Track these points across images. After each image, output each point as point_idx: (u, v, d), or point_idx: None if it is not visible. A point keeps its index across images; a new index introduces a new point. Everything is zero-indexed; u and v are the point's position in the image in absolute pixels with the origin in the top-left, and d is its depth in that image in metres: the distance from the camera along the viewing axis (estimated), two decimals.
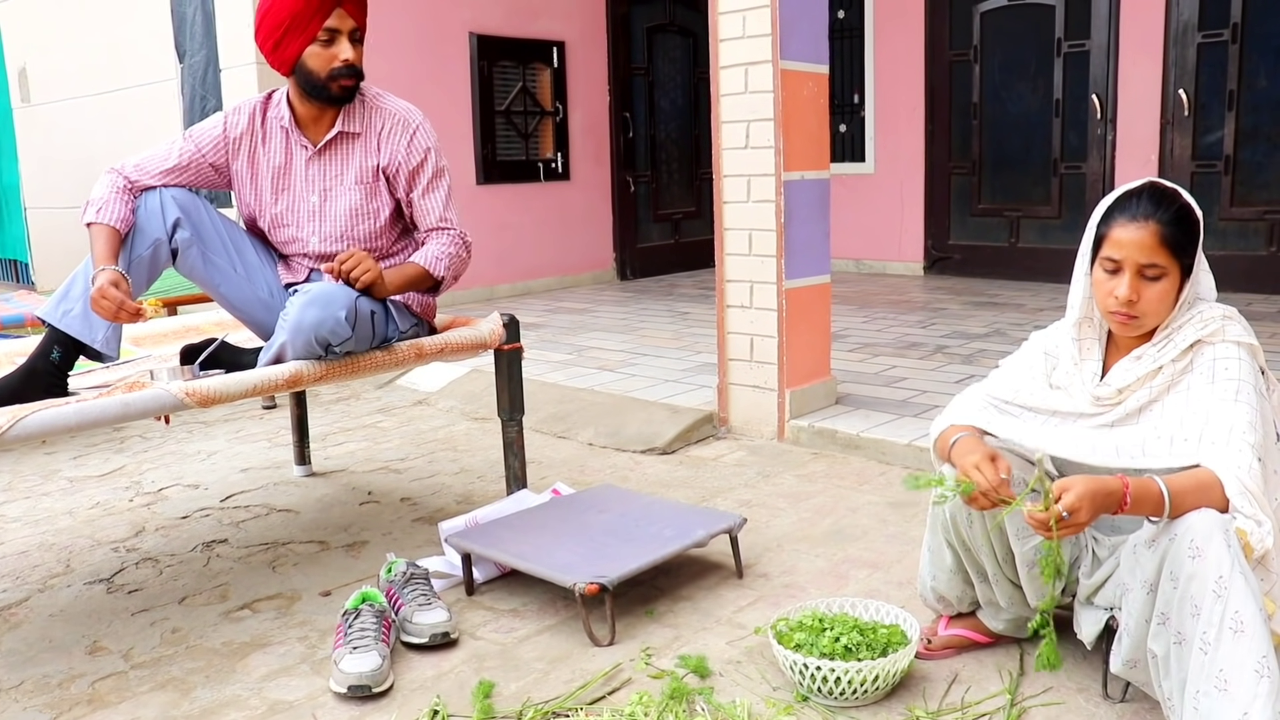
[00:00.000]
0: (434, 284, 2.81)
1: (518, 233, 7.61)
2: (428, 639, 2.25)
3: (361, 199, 2.78)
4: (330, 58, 2.64)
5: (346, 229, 2.79)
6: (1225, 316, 1.87)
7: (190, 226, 2.69)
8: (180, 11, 6.76)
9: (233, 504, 3.39)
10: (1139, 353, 1.91)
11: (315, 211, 2.79)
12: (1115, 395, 1.92)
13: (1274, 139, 6.28)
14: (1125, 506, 1.71)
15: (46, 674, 2.24)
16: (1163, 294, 1.85)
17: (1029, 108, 7.24)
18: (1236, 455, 1.73)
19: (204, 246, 2.72)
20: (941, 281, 7.52)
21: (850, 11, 7.99)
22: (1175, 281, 1.85)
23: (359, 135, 2.77)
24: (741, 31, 3.69)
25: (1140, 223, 1.84)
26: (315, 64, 2.65)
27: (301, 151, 2.78)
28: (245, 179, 2.82)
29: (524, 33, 7.53)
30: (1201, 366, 1.85)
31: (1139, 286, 1.85)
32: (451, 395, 4.70)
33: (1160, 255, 1.83)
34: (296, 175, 2.79)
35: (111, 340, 2.54)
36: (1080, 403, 1.97)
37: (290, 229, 2.81)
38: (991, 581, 2.08)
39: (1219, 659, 1.60)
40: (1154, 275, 1.84)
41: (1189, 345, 1.86)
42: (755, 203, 3.76)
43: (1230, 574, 1.62)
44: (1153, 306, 1.86)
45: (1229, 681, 1.58)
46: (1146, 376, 1.89)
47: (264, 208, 2.82)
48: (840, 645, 2.01)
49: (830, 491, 3.29)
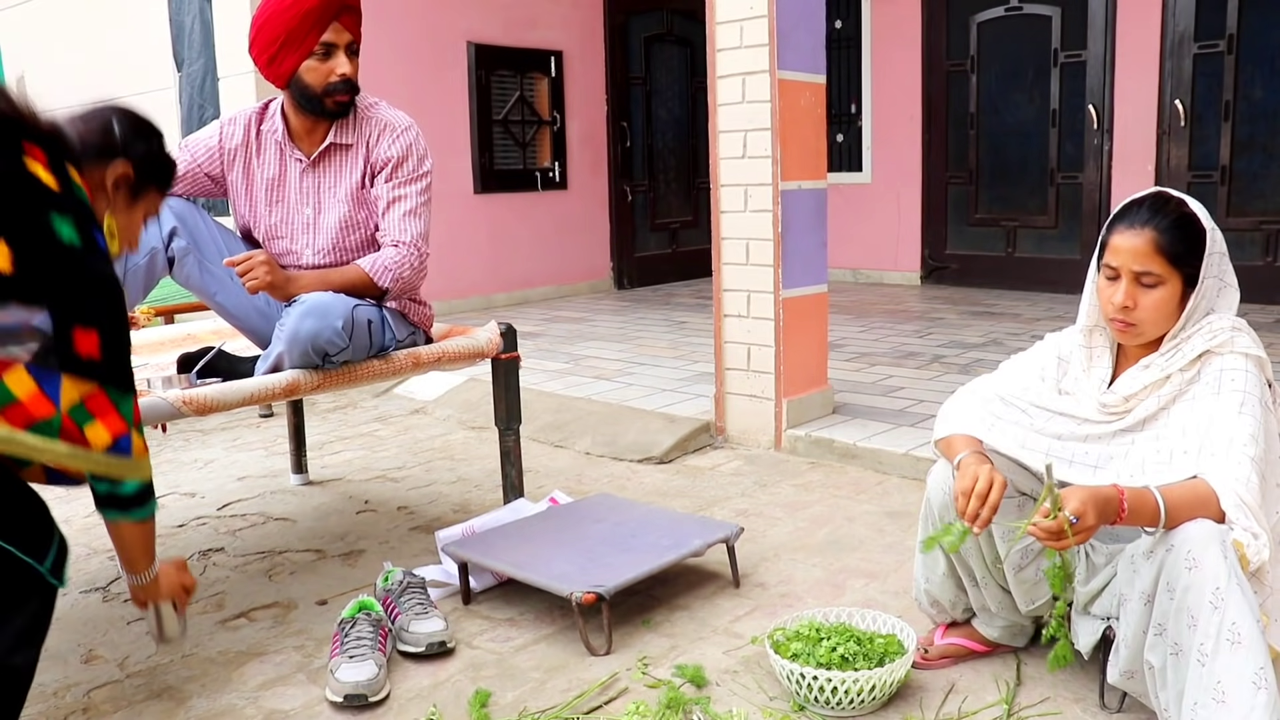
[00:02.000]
0: (379, 292, 2.71)
1: (515, 242, 7.61)
2: (424, 648, 2.25)
3: (350, 210, 2.75)
4: (327, 72, 2.63)
5: (337, 240, 2.77)
6: (1234, 328, 1.88)
7: (186, 235, 2.69)
8: (178, 20, 6.77)
9: (229, 512, 3.38)
10: (1147, 361, 1.91)
11: (309, 224, 2.78)
12: (1122, 404, 1.92)
13: (1270, 149, 6.30)
14: (1122, 516, 1.71)
15: (41, 683, 2.23)
16: (1159, 303, 1.86)
17: (1025, 118, 7.26)
18: (1235, 468, 1.73)
19: (200, 255, 2.72)
20: (938, 291, 7.53)
21: (847, 22, 8.01)
22: (1175, 290, 1.86)
23: (351, 146, 2.75)
24: (739, 41, 3.70)
25: (1137, 230, 1.85)
26: (311, 78, 2.63)
27: (295, 164, 2.77)
28: (240, 190, 2.81)
29: (522, 42, 7.54)
30: (1208, 377, 1.85)
31: (1135, 294, 1.86)
32: (449, 404, 4.70)
33: (1155, 263, 1.83)
34: (290, 188, 2.78)
35: None
36: (1087, 409, 1.97)
37: (285, 241, 2.81)
38: (980, 584, 2.09)
39: (1216, 670, 1.60)
40: (1150, 283, 1.85)
41: (1197, 355, 1.86)
42: (752, 212, 3.77)
43: (1227, 585, 1.62)
44: (1149, 315, 1.86)
45: (1226, 693, 1.58)
46: (1154, 385, 1.89)
47: (259, 219, 2.82)
48: (837, 655, 2.01)
49: (827, 501, 3.29)
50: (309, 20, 2.58)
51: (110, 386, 1.58)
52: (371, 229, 2.78)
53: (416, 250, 2.74)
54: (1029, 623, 2.16)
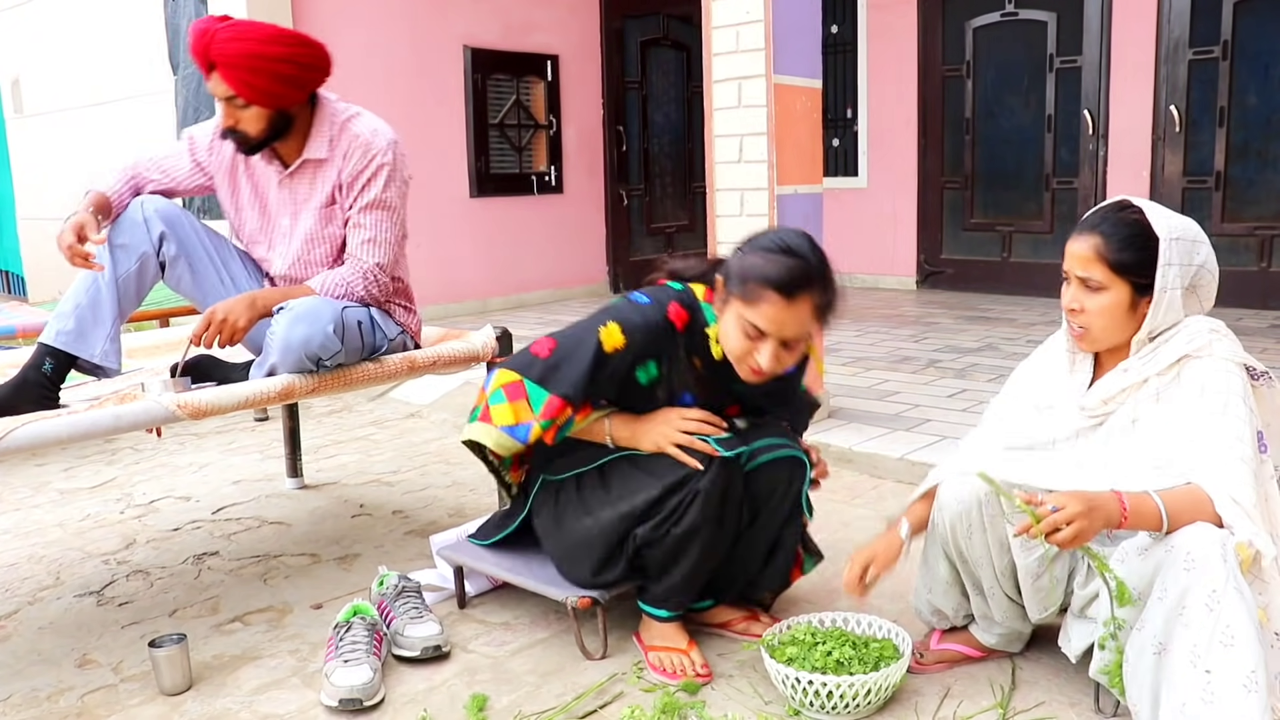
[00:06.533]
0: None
1: (511, 246, 7.61)
2: (419, 652, 2.25)
3: (316, 224, 2.73)
4: (224, 116, 2.61)
5: (303, 253, 2.76)
6: (1213, 331, 1.89)
7: (175, 241, 2.68)
8: (174, 23, 6.77)
9: (224, 516, 3.38)
10: (1124, 365, 1.94)
11: (286, 233, 2.78)
12: (1100, 405, 1.94)
13: (1264, 155, 6.32)
14: (1125, 520, 1.73)
15: (35, 687, 2.23)
16: (1105, 308, 1.89)
17: (1021, 123, 7.27)
18: (1226, 469, 1.74)
19: (190, 259, 2.71)
20: (934, 296, 7.54)
21: (843, 26, 8.02)
22: (1122, 297, 1.88)
23: (326, 161, 2.70)
24: (735, 46, 3.70)
25: (1084, 235, 1.91)
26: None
27: (275, 174, 2.75)
28: (227, 195, 2.82)
29: (518, 46, 7.55)
30: (1189, 381, 1.86)
31: (1081, 298, 1.92)
32: (444, 408, 4.69)
33: (1096, 269, 1.88)
34: (271, 196, 2.78)
35: (111, 353, 2.55)
36: (1068, 417, 1.98)
37: (263, 247, 2.82)
38: (987, 594, 2.08)
39: (1208, 671, 1.60)
40: (1094, 287, 1.89)
41: (1176, 360, 1.88)
42: (748, 216, 3.77)
43: (1224, 588, 1.62)
44: (1095, 320, 1.91)
45: (1216, 694, 1.59)
46: (1132, 389, 1.91)
47: (243, 223, 2.83)
48: (832, 659, 2.01)
49: (823, 506, 3.28)
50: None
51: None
52: (340, 242, 2.76)
53: (367, 273, 2.69)
54: (1027, 630, 2.16)
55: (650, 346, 2.14)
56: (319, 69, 2.63)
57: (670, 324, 2.14)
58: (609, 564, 2.23)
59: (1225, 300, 6.61)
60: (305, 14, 6.22)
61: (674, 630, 2.24)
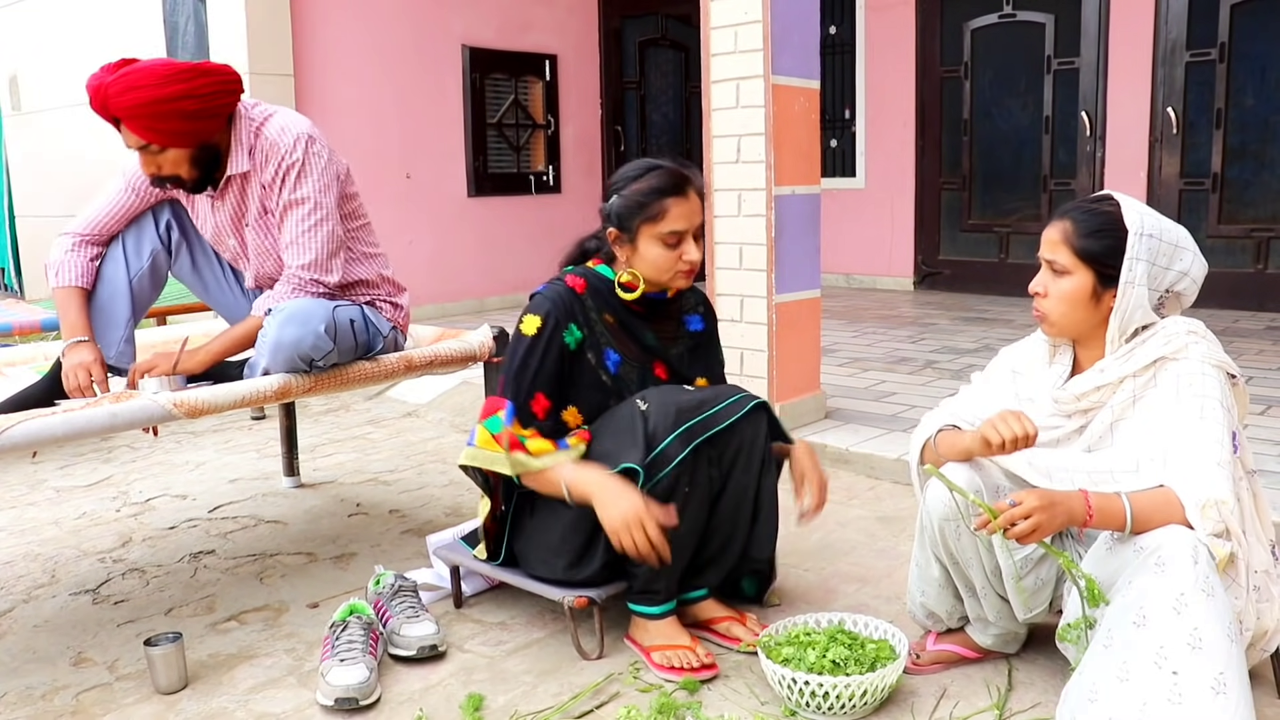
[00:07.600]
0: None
1: (508, 245, 7.61)
2: (415, 652, 2.25)
3: (258, 237, 2.69)
4: (144, 165, 2.52)
5: (259, 267, 2.74)
6: (1190, 332, 1.89)
7: (179, 227, 2.74)
8: (172, 21, 6.76)
9: (220, 515, 3.37)
10: (1101, 365, 1.94)
11: (238, 253, 2.75)
12: (1074, 401, 1.96)
13: (1261, 157, 6.33)
14: (1090, 519, 1.74)
15: (30, 685, 2.23)
16: (1065, 295, 1.91)
17: (1019, 124, 7.28)
18: (1200, 473, 1.75)
19: (191, 247, 2.77)
20: (931, 296, 7.54)
21: (841, 27, 8.03)
22: (1084, 285, 1.89)
23: (248, 174, 2.61)
24: (733, 46, 3.70)
25: (1057, 220, 1.93)
26: None
27: (207, 197, 2.67)
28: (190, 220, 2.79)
29: (516, 45, 7.55)
30: (1165, 383, 1.87)
31: (1046, 281, 1.94)
32: (441, 408, 4.69)
33: (1061, 252, 1.90)
34: (210, 220, 2.71)
35: (125, 354, 2.61)
36: (1044, 411, 1.99)
37: (239, 264, 2.82)
38: (980, 595, 2.08)
39: (1175, 673, 1.59)
40: (1058, 270, 1.91)
41: (1152, 361, 1.88)
42: (746, 217, 3.77)
43: (1192, 591, 1.62)
44: (1053, 305, 1.93)
45: (1184, 695, 1.58)
46: (1108, 388, 1.92)
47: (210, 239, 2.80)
48: (828, 660, 2.01)
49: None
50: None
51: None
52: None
53: (296, 282, 2.59)
54: (1023, 631, 2.16)
55: (563, 312, 2.28)
56: (225, 93, 2.50)
57: (572, 290, 2.32)
58: (583, 560, 2.24)
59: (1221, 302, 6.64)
60: (304, 14, 6.21)
61: (672, 627, 2.24)
